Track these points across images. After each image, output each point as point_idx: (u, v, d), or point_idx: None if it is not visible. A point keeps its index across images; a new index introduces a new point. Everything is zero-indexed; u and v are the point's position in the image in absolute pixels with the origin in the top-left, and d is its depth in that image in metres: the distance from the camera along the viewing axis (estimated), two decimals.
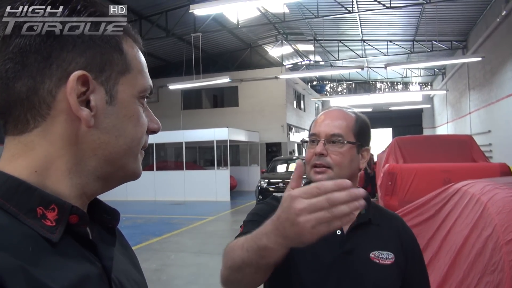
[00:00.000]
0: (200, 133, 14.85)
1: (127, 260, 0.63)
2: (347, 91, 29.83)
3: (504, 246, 1.36)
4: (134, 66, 0.56)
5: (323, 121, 1.10)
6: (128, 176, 0.58)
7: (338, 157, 1.05)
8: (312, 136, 1.10)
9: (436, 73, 24.64)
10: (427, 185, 5.39)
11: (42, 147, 0.49)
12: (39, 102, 0.48)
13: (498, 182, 2.00)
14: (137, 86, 0.56)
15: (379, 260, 1.01)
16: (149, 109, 0.60)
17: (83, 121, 0.50)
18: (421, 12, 13.94)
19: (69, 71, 0.49)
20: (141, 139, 0.57)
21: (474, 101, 15.53)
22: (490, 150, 12.66)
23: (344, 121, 1.09)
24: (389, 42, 17.91)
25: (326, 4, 13.59)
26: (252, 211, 1.10)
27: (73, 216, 0.49)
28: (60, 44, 0.49)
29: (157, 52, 17.98)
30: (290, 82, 20.11)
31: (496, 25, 11.45)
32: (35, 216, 0.46)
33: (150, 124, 0.59)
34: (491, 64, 12.70)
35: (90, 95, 0.50)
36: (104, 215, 0.59)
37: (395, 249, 1.04)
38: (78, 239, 0.50)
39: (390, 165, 6.52)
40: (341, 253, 1.00)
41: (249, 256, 0.75)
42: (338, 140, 1.06)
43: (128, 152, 0.55)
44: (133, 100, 0.55)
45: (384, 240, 1.05)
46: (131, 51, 0.56)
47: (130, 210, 11.93)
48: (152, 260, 6.01)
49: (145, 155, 0.61)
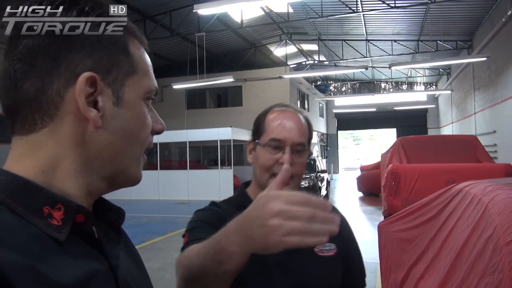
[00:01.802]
0: (204, 133, 14.88)
1: (131, 259, 0.64)
2: (351, 91, 29.76)
3: (505, 247, 1.36)
4: (141, 67, 0.56)
5: (285, 125, 1.01)
6: (128, 180, 0.58)
7: (300, 167, 1.00)
8: (275, 141, 1.00)
9: (441, 73, 24.52)
10: (431, 186, 5.37)
11: (49, 147, 0.50)
12: (47, 103, 0.49)
13: (500, 182, 1.99)
14: (143, 88, 0.56)
15: (323, 253, 1.01)
16: (154, 110, 0.61)
17: (91, 121, 0.50)
18: (426, 12, 13.89)
19: (77, 72, 0.49)
20: (146, 140, 0.57)
21: (479, 101, 15.45)
22: (495, 151, 12.59)
23: (303, 126, 1.03)
24: (393, 42, 17.86)
25: (330, 3, 13.57)
26: (193, 219, 1.04)
27: (79, 215, 0.49)
28: (68, 46, 0.50)
29: (161, 51, 18.04)
30: (294, 82, 20.10)
31: (502, 25, 11.38)
32: (41, 216, 0.47)
33: (154, 125, 0.59)
34: (496, 64, 12.62)
35: (98, 96, 0.51)
36: (110, 213, 0.59)
37: (336, 239, 1.01)
38: (84, 238, 0.51)
39: (393, 165, 6.51)
40: (284, 251, 0.98)
41: (206, 263, 0.66)
42: (302, 149, 1.01)
43: (131, 154, 0.56)
44: (139, 101, 0.55)
45: None
46: (138, 53, 0.56)
47: (134, 209, 11.99)
48: (155, 259, 6.04)
49: (149, 154, 0.61)
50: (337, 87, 30.55)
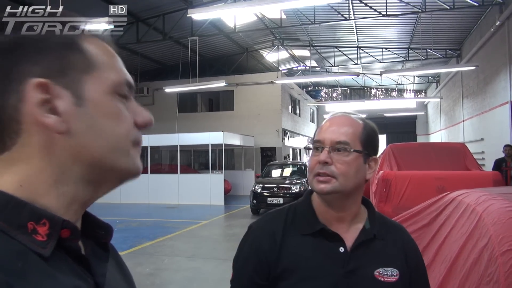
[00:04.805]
0: (195, 137, 14.83)
1: (121, 276, 0.62)
2: (342, 97, 29.99)
3: (500, 257, 1.38)
4: (101, 61, 0.53)
5: (328, 128, 1.02)
6: (123, 176, 0.55)
7: (343, 166, 0.97)
8: (316, 143, 1.02)
9: (430, 80, 24.87)
10: (421, 192, 5.43)
11: (22, 162, 0.49)
12: (9, 120, 0.48)
13: (493, 192, 2.02)
14: (108, 82, 0.53)
15: (383, 278, 0.97)
16: (136, 102, 0.57)
17: (51, 128, 0.48)
18: (416, 21, 14.10)
19: (26, 81, 0.48)
20: (127, 135, 0.54)
21: (468, 109, 15.69)
22: (483, 158, 12.78)
23: (351, 128, 1.01)
24: (384, 49, 18.08)
25: (322, 10, 13.69)
26: (235, 266, 1.07)
27: (64, 230, 0.48)
28: (15, 58, 0.48)
29: (153, 55, 17.96)
30: (286, 87, 20.19)
31: (490, 35, 11.61)
32: (25, 232, 0.46)
33: (137, 118, 0.56)
34: (485, 73, 12.85)
35: (55, 101, 0.49)
36: (97, 230, 0.58)
37: (400, 264, 1.00)
38: (71, 255, 0.50)
39: (384, 172, 6.56)
40: (344, 272, 0.96)
41: None
42: (344, 148, 0.98)
43: (113, 151, 0.52)
44: (106, 96, 0.52)
45: (388, 255, 1.01)
46: (94, 48, 0.54)
47: (123, 213, 11.87)
48: (145, 264, 5.98)
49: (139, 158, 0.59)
50: (328, 93, 30.76)
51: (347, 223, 1.02)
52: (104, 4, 11.09)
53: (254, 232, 1.07)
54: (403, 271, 0.99)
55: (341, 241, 0.99)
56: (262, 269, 1.00)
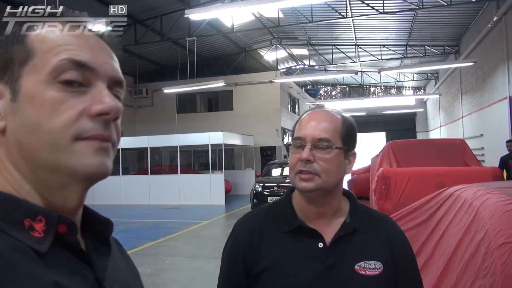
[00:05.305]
0: (195, 137, 14.83)
1: (128, 269, 0.63)
2: (341, 95, 30.00)
3: (496, 250, 1.40)
4: (40, 47, 0.48)
5: (308, 123, 1.00)
6: (72, 176, 0.49)
7: (325, 163, 0.96)
8: (297, 140, 1.00)
9: (429, 77, 24.88)
10: (421, 189, 5.44)
11: None
12: None
13: (490, 187, 2.04)
14: (45, 68, 0.48)
15: (365, 272, 0.94)
16: (103, 87, 0.51)
17: None
18: (414, 18, 14.11)
19: None
20: (63, 128, 0.47)
21: (467, 105, 15.70)
22: (482, 154, 12.80)
23: (331, 123, 0.99)
24: (382, 47, 18.08)
25: (320, 9, 13.70)
26: (222, 265, 1.08)
27: (61, 226, 0.48)
28: None
29: (152, 56, 17.97)
30: (285, 86, 20.19)
31: (488, 31, 11.62)
32: (22, 229, 0.46)
33: (90, 105, 0.49)
34: (483, 69, 12.86)
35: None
36: (98, 225, 0.57)
37: (384, 257, 0.97)
38: (71, 250, 0.50)
39: (384, 169, 6.57)
40: (323, 268, 0.95)
41: None
42: (325, 145, 0.97)
43: (50, 148, 0.47)
44: (41, 86, 0.47)
45: (371, 248, 0.98)
46: (38, 34, 0.50)
47: (124, 214, 11.88)
48: (147, 264, 5.99)
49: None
50: (327, 91, 30.77)
51: (328, 218, 1.02)
52: (101, 6, 11.09)
53: (236, 229, 1.09)
54: (387, 264, 0.97)
55: (320, 237, 0.98)
56: (244, 266, 1.01)
